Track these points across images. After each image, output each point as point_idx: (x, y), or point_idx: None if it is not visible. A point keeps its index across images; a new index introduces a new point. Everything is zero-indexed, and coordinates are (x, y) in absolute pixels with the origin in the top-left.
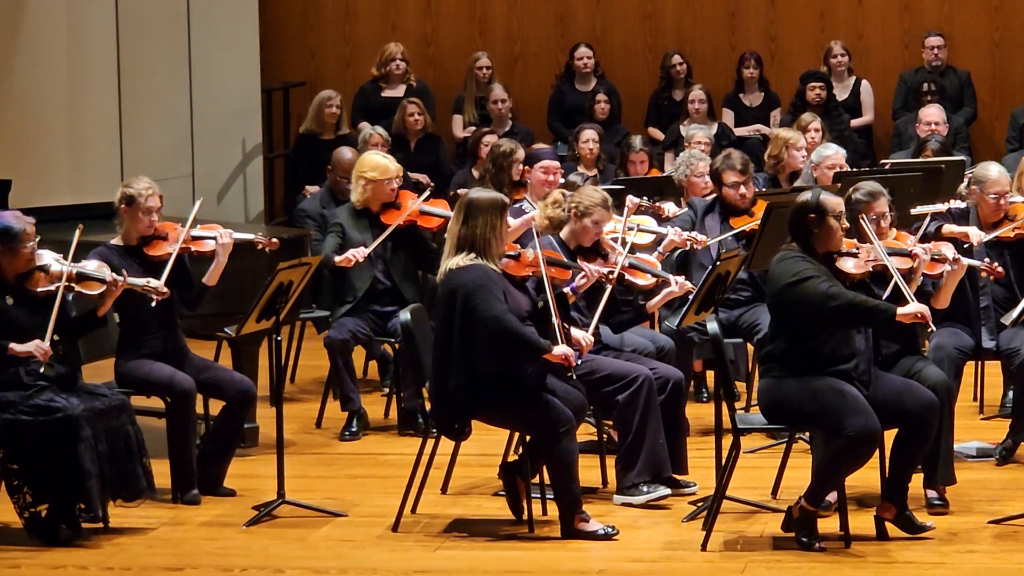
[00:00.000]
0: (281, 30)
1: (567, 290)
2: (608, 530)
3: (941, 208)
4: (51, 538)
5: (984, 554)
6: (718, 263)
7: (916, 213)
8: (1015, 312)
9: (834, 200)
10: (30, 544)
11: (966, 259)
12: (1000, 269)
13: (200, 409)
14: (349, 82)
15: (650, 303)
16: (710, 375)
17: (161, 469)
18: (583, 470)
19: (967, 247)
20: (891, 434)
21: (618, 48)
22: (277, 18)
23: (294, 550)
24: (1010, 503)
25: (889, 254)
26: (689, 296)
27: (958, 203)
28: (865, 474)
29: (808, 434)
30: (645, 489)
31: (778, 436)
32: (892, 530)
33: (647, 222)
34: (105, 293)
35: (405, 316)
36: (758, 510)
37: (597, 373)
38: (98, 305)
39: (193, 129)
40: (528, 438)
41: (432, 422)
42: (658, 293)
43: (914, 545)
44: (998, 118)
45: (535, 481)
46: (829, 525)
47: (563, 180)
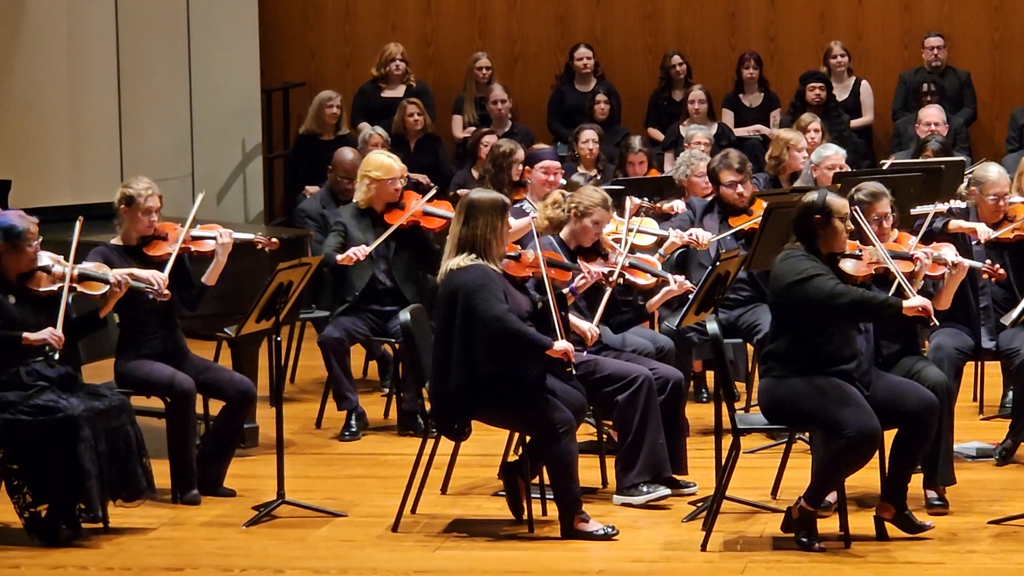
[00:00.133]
0: (281, 30)
1: (566, 291)
2: (608, 530)
3: (941, 208)
4: (51, 538)
5: (984, 554)
6: (718, 263)
7: (916, 213)
8: (1015, 312)
9: (840, 202)
10: (30, 544)
11: (968, 260)
12: (1002, 271)
13: (200, 409)
14: (349, 82)
15: (650, 302)
16: (710, 375)
17: (161, 469)
18: (583, 470)
19: (975, 244)
20: (891, 434)
21: (618, 48)
22: (277, 18)
23: (294, 550)
24: (1010, 503)
25: (892, 257)
26: (689, 296)
27: (958, 203)
28: (865, 474)
29: (808, 434)
30: (645, 489)
31: (778, 436)
32: (892, 530)
33: (648, 224)
34: (107, 294)
35: (405, 316)
36: (758, 510)
37: (597, 373)
38: (99, 306)
39: (193, 129)
40: (528, 438)
41: (432, 422)
42: (658, 293)
43: (914, 545)
44: (998, 118)
45: (535, 481)
46: (829, 525)
47: (563, 181)
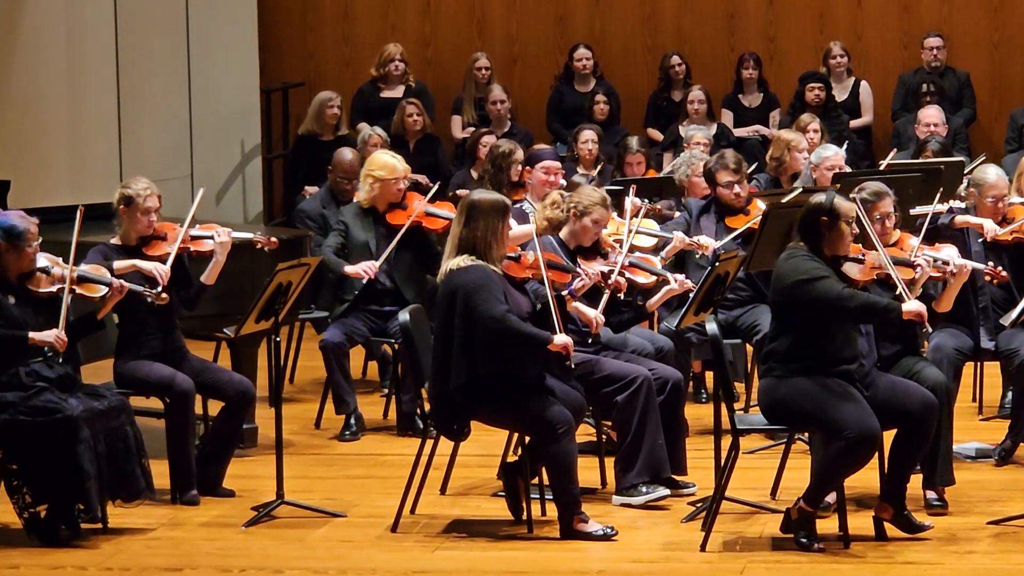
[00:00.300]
0: (280, 31)
1: (565, 293)
2: (607, 531)
3: (942, 208)
4: (50, 538)
5: (983, 555)
6: (717, 264)
7: (916, 213)
8: (1014, 313)
9: (847, 205)
10: (29, 544)
11: (970, 262)
12: (1004, 273)
13: (199, 410)
14: (348, 83)
15: (650, 302)
16: (709, 376)
17: (160, 470)
18: (582, 471)
19: (975, 245)
20: (890, 434)
21: (617, 49)
22: (276, 19)
23: (293, 551)
24: (1009, 504)
25: (893, 263)
26: (688, 296)
27: (958, 203)
28: (864, 475)
29: (807, 435)
30: (644, 490)
31: (777, 437)
32: (891, 530)
33: (649, 225)
34: (106, 296)
35: (404, 317)
36: (757, 511)
37: (596, 374)
38: (97, 308)
39: (192, 130)
40: (527, 439)
41: (431, 422)
42: (657, 291)
43: (913, 546)
44: (997, 119)
45: (534, 482)
46: (828, 525)
47: (564, 182)
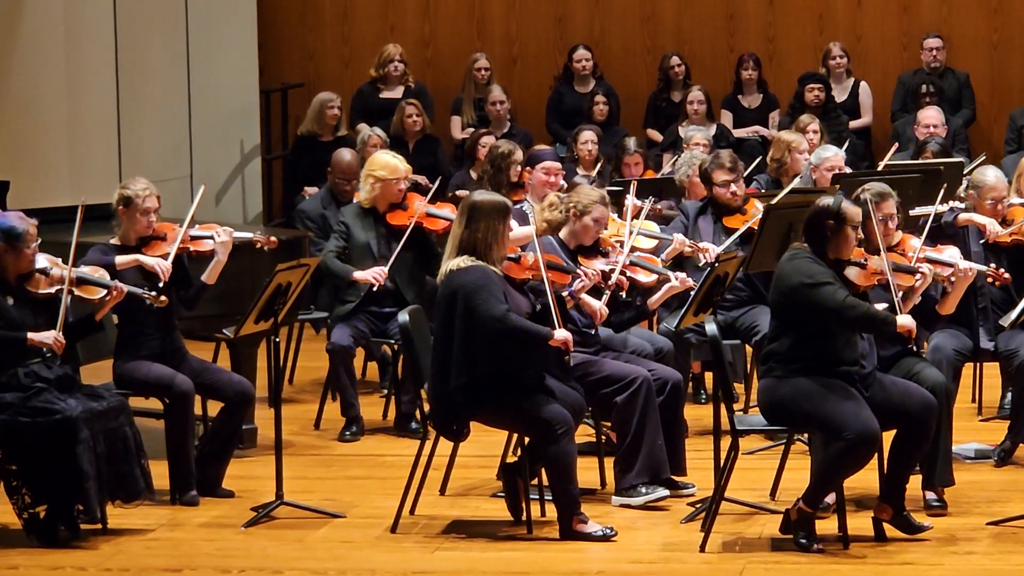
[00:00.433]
0: (279, 31)
1: (565, 294)
2: (606, 531)
3: (942, 209)
4: (50, 539)
5: (983, 555)
6: (716, 264)
7: (916, 214)
8: (1013, 314)
9: (854, 210)
10: (29, 545)
11: (975, 265)
12: (1007, 275)
13: (198, 410)
14: (347, 83)
15: (651, 300)
16: (708, 376)
17: (159, 470)
18: (581, 471)
19: (974, 247)
20: (889, 435)
21: (617, 49)
22: (275, 19)
23: (292, 551)
24: (1008, 504)
25: (895, 269)
26: (688, 296)
27: (958, 204)
28: (864, 475)
29: (806, 435)
30: (643, 490)
31: (776, 437)
32: (891, 531)
33: (650, 227)
34: (105, 298)
35: (403, 318)
36: (756, 511)
37: (595, 374)
38: (96, 309)
39: (192, 130)
40: (527, 439)
41: (430, 423)
42: (658, 291)
43: (912, 546)
44: (996, 120)
45: (534, 482)
46: (827, 526)
47: (564, 183)
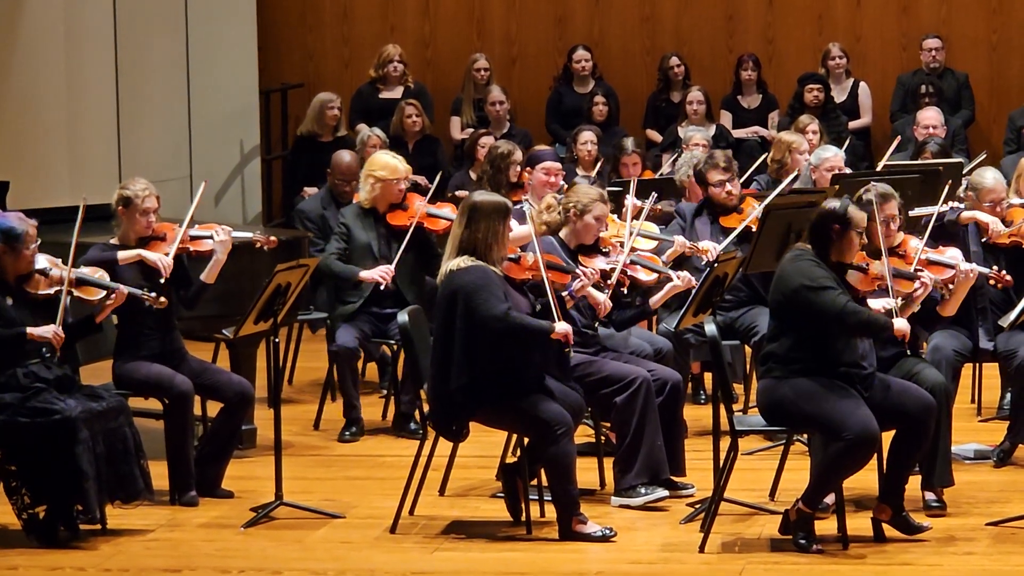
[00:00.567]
0: (279, 31)
1: (565, 294)
2: (606, 532)
3: (943, 209)
4: (49, 539)
5: (982, 556)
6: (715, 265)
7: (915, 215)
8: (1012, 314)
9: (860, 215)
10: (28, 545)
11: (978, 267)
12: (1008, 278)
13: (198, 411)
14: (347, 84)
15: (653, 299)
16: (708, 377)
17: (159, 471)
18: (581, 472)
19: (974, 249)
20: (889, 435)
21: (616, 50)
22: (275, 19)
23: (292, 552)
24: (1008, 505)
25: (895, 275)
26: (688, 297)
27: (958, 205)
28: (863, 476)
29: (806, 436)
30: (643, 491)
31: (776, 438)
32: (890, 532)
33: (650, 228)
34: (105, 300)
35: (403, 318)
36: (756, 512)
37: (595, 375)
38: (96, 311)
39: (191, 131)
40: (526, 440)
41: (429, 423)
42: (659, 290)
43: (912, 547)
44: (996, 120)
45: (533, 483)
46: (827, 527)
47: (564, 183)
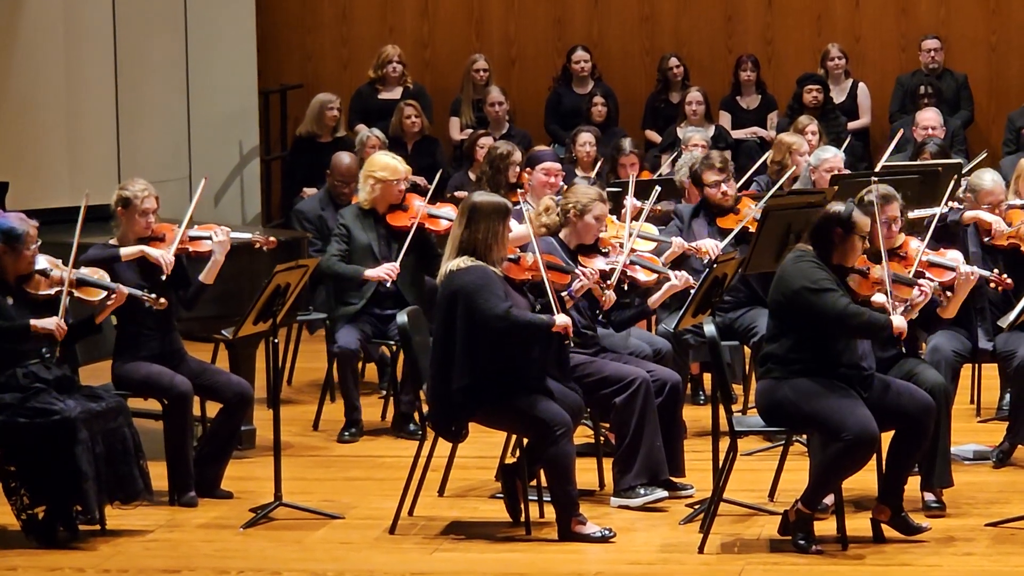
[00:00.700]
0: (278, 32)
1: (565, 295)
2: (605, 532)
3: (944, 211)
4: (48, 540)
5: (981, 556)
6: (715, 265)
7: (914, 216)
8: (1012, 315)
9: (864, 220)
10: (27, 546)
11: (979, 270)
12: (1009, 281)
13: (197, 411)
14: (346, 84)
15: (652, 299)
16: (707, 378)
17: (158, 471)
18: (580, 472)
19: (973, 249)
20: (888, 436)
21: (615, 51)
22: (274, 20)
23: (291, 552)
24: (1007, 505)
25: (895, 281)
26: (687, 297)
27: (958, 205)
28: (862, 476)
29: (805, 436)
30: (642, 491)
31: (775, 439)
32: (889, 532)
33: (649, 230)
34: (105, 301)
35: (402, 319)
36: (755, 513)
37: (594, 375)
38: (96, 312)
39: (190, 131)
40: (525, 440)
41: (429, 424)
42: (658, 290)
43: (911, 547)
44: (995, 121)
45: (532, 483)
46: (826, 527)
47: (563, 184)
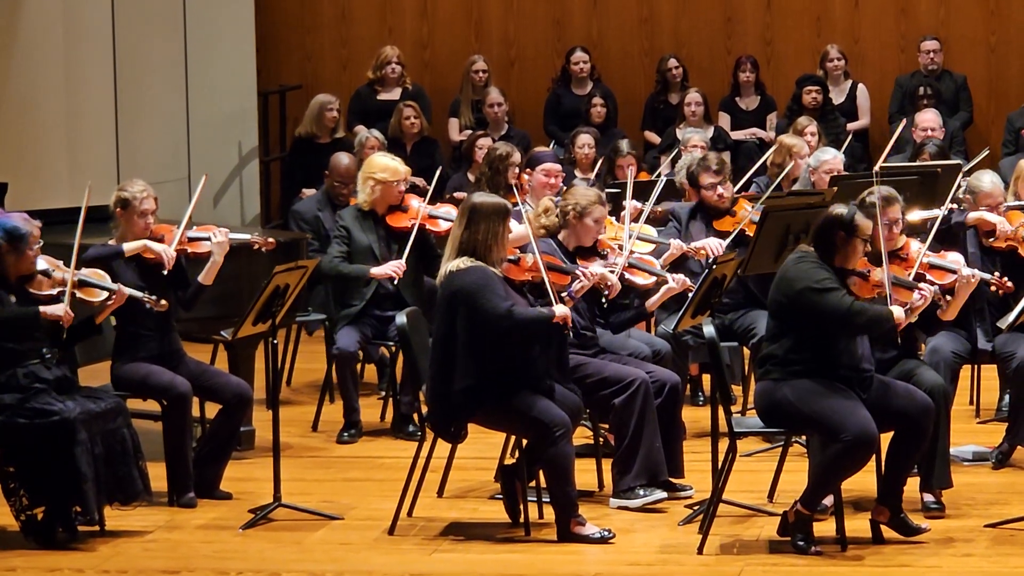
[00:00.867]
0: (277, 33)
1: (564, 295)
2: (604, 533)
3: (941, 213)
4: (47, 541)
5: (980, 557)
6: (714, 266)
7: (912, 219)
8: (1011, 316)
9: (866, 223)
10: (26, 547)
11: (979, 273)
12: (1010, 284)
13: (196, 412)
14: (345, 85)
15: (650, 301)
16: (706, 379)
17: (157, 472)
18: (579, 473)
19: (972, 250)
20: (887, 437)
21: (614, 52)
22: (273, 21)
23: (290, 553)
24: (1006, 507)
25: (895, 283)
26: (686, 298)
27: (957, 207)
28: (861, 477)
29: (804, 437)
30: (641, 492)
31: (774, 440)
32: (888, 533)
33: (648, 231)
34: (106, 301)
35: (401, 320)
36: (754, 514)
37: (594, 376)
38: (95, 312)
39: (190, 132)
40: (525, 441)
41: (428, 425)
42: (656, 291)
43: (910, 548)
44: (994, 122)
45: (532, 484)
46: (825, 528)
47: (563, 185)
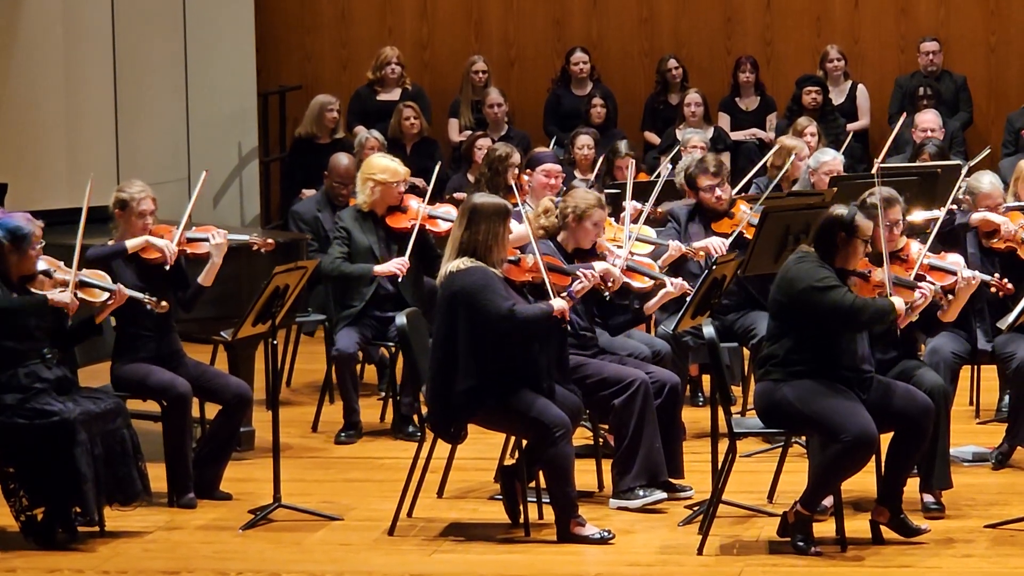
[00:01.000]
0: (277, 34)
1: (564, 295)
2: (604, 534)
3: (940, 215)
4: (47, 541)
5: (980, 558)
6: (714, 267)
7: (920, 220)
8: (1010, 317)
9: (867, 223)
10: (26, 547)
11: (980, 275)
12: (1010, 286)
13: (196, 413)
14: (345, 86)
15: (648, 304)
16: (706, 379)
17: (157, 473)
18: (579, 474)
19: (971, 251)
20: (887, 437)
21: (614, 52)
22: (273, 21)
23: (290, 554)
24: (1006, 507)
25: (896, 284)
26: (686, 299)
27: (957, 208)
28: (861, 478)
29: (804, 438)
30: (641, 493)
31: (774, 440)
32: (888, 534)
33: (647, 232)
34: (107, 302)
35: (401, 320)
36: (754, 514)
37: (593, 377)
38: (95, 312)
39: (189, 132)
40: (525, 442)
41: (428, 425)
42: (654, 295)
43: (910, 549)
44: (994, 123)
45: (531, 485)
46: (825, 529)
47: (563, 186)
